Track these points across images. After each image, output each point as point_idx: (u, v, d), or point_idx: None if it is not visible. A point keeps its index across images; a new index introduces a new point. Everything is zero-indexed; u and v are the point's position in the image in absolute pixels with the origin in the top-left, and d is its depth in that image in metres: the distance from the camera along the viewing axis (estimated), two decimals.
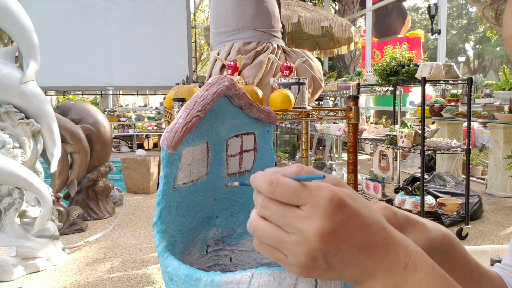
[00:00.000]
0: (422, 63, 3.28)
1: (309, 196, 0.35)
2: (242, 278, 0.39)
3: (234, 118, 0.57)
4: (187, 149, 0.50)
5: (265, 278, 0.39)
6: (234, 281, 0.39)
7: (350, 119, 1.72)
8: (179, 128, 0.46)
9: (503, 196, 4.39)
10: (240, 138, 0.59)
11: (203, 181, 0.56)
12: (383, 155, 3.79)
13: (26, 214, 2.73)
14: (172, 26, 8.82)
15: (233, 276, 0.39)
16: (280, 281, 0.39)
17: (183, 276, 0.42)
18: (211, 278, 0.40)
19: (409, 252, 0.37)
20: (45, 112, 2.76)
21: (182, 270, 0.42)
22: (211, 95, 0.49)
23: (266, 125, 0.61)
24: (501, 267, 0.62)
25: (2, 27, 2.59)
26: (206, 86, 0.50)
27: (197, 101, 0.48)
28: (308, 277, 0.38)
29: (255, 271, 0.39)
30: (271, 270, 0.39)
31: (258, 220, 0.37)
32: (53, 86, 8.43)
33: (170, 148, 0.46)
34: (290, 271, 0.38)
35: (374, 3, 8.50)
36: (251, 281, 0.39)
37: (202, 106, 0.48)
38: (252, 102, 0.56)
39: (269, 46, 2.13)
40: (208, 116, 0.53)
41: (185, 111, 0.47)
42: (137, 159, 4.60)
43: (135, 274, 2.52)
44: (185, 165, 0.51)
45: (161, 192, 0.48)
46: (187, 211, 0.55)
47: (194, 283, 0.41)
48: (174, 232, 0.52)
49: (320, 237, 0.34)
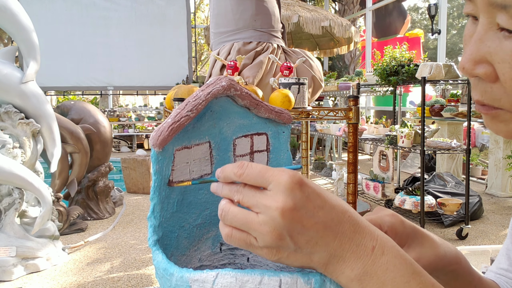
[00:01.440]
0: (422, 63, 3.28)
1: (272, 176, 0.37)
2: (207, 277, 0.40)
3: (242, 119, 0.57)
4: (182, 147, 0.51)
5: (228, 280, 0.40)
6: (200, 279, 0.40)
7: (350, 119, 1.72)
8: (166, 128, 0.47)
9: (503, 196, 4.39)
10: (249, 139, 0.59)
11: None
12: (383, 155, 3.78)
13: (26, 214, 2.73)
14: (172, 26, 8.82)
15: (199, 274, 0.41)
16: (242, 284, 0.39)
17: (162, 269, 0.44)
18: (181, 274, 0.42)
19: (375, 236, 0.38)
20: (45, 112, 2.76)
21: (162, 264, 0.44)
22: (204, 96, 0.50)
23: (280, 126, 0.60)
24: (496, 272, 0.60)
25: (2, 27, 2.59)
26: (203, 86, 0.51)
27: (189, 101, 0.49)
28: (278, 260, 0.39)
29: (220, 272, 0.40)
30: (234, 272, 0.40)
31: (229, 206, 0.39)
32: (53, 86, 8.44)
33: (156, 146, 0.47)
34: (261, 256, 0.39)
35: (374, 3, 8.50)
36: (215, 281, 0.40)
37: (193, 106, 0.49)
38: (260, 102, 0.56)
39: (269, 46, 2.13)
40: (209, 116, 0.54)
41: (176, 111, 0.49)
42: (137, 159, 4.60)
43: (135, 274, 2.52)
44: (182, 164, 0.52)
45: (153, 188, 0.50)
46: (190, 208, 0.56)
47: (168, 277, 0.43)
48: (173, 228, 0.53)
49: (282, 212, 0.35)
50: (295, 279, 0.39)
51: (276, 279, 0.39)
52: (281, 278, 0.39)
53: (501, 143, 4.43)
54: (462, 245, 2.99)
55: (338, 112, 1.73)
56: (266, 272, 0.39)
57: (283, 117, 0.59)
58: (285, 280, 0.39)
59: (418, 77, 3.25)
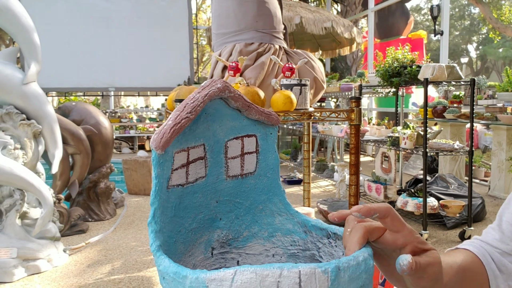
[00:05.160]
0: (424, 64, 3.26)
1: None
2: (226, 275, 0.40)
3: (233, 121, 0.58)
4: (180, 150, 0.52)
5: (247, 276, 0.39)
6: (217, 278, 0.40)
7: (352, 120, 1.71)
8: (167, 130, 0.47)
9: (506, 198, 4.37)
10: (240, 141, 0.59)
11: (202, 182, 0.57)
12: (385, 157, 3.77)
13: (27, 216, 2.72)
14: (173, 27, 8.83)
15: (217, 273, 0.40)
16: (262, 278, 0.39)
17: (172, 273, 0.43)
18: (196, 275, 0.41)
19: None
20: (46, 113, 2.76)
21: (171, 268, 0.44)
22: (202, 97, 0.50)
23: (268, 127, 0.61)
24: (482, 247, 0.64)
25: (4, 28, 2.59)
26: (199, 89, 0.51)
27: (187, 103, 0.49)
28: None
29: (238, 269, 0.40)
30: (253, 267, 0.40)
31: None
32: (54, 87, 8.45)
33: (158, 149, 0.47)
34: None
35: (376, 4, 8.49)
36: (234, 278, 0.40)
37: (192, 108, 0.49)
38: (250, 104, 0.57)
39: (271, 47, 2.12)
40: (204, 118, 0.54)
41: (175, 113, 0.49)
42: (138, 160, 4.59)
43: (136, 276, 2.51)
44: (179, 166, 0.52)
45: (153, 193, 0.49)
46: (186, 212, 0.56)
47: (181, 280, 0.42)
48: (171, 233, 0.53)
49: None
50: (313, 269, 0.40)
51: (295, 271, 0.39)
52: (300, 270, 0.40)
53: (504, 145, 4.41)
54: None
55: (340, 113, 1.72)
56: (285, 265, 0.40)
57: (271, 119, 0.60)
58: (304, 271, 0.40)
59: (420, 78, 3.23)
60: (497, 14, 15.51)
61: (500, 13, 15.86)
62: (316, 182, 5.45)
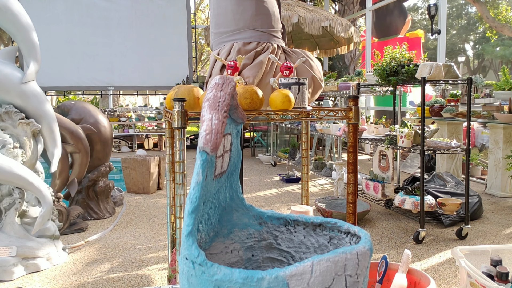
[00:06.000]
0: (422, 63, 3.28)
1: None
2: (304, 268, 0.42)
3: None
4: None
5: (324, 264, 0.43)
6: (297, 273, 0.41)
7: (350, 119, 1.72)
8: (219, 129, 0.48)
9: (503, 196, 4.39)
10: (225, 138, 0.60)
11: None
12: (383, 155, 3.79)
13: (27, 214, 2.73)
14: (172, 26, 8.82)
15: (295, 268, 0.42)
16: (335, 264, 0.43)
17: (241, 279, 0.41)
18: (275, 274, 0.41)
19: None
20: (45, 112, 2.77)
21: (237, 274, 0.42)
22: (228, 94, 0.52)
23: (238, 125, 0.62)
24: None
25: (3, 27, 2.60)
26: (216, 86, 0.51)
27: (219, 101, 0.50)
28: None
29: (314, 260, 0.42)
30: (327, 255, 0.43)
31: None
32: (53, 86, 8.44)
33: (214, 150, 0.47)
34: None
35: (374, 3, 8.50)
36: (312, 269, 0.42)
37: (227, 106, 0.51)
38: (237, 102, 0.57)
39: (269, 46, 2.13)
40: None
41: (214, 112, 0.49)
42: (137, 159, 4.60)
43: (135, 274, 2.53)
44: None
45: (197, 199, 0.49)
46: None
47: (255, 284, 0.41)
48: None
49: None
50: (367, 249, 0.46)
51: (354, 252, 0.45)
52: (357, 251, 0.45)
53: (500, 143, 4.43)
54: (461, 245, 2.99)
55: (338, 112, 1.73)
56: (346, 249, 0.45)
57: (243, 116, 0.61)
58: (360, 252, 0.45)
59: (418, 77, 3.25)
60: (494, 13, 15.54)
61: (497, 12, 15.89)
62: (314, 180, 5.47)
